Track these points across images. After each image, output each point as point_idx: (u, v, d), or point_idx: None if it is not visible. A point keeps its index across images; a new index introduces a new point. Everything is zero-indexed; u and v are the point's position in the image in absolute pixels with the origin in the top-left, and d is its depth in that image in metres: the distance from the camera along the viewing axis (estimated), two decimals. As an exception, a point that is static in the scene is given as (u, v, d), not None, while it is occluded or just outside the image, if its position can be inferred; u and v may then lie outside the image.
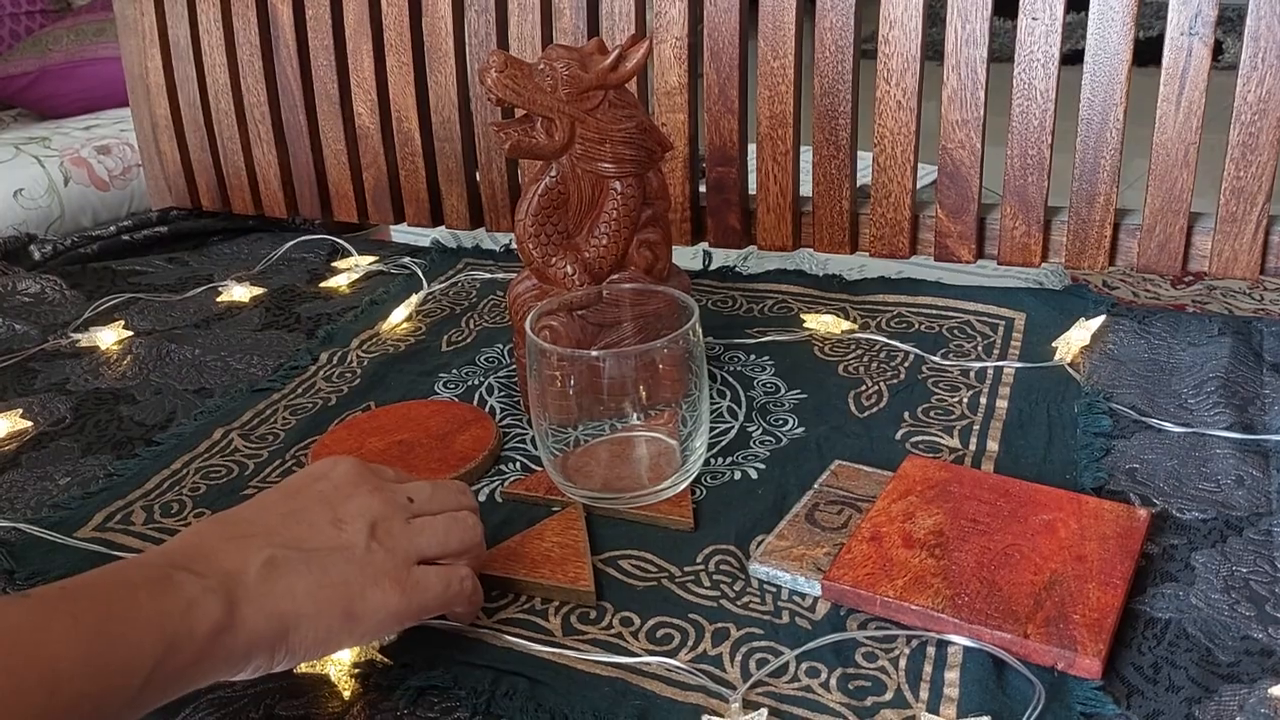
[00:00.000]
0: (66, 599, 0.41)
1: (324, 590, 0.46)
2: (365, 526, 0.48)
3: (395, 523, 0.49)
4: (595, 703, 0.49)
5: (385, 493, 0.50)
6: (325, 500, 0.49)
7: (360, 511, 0.49)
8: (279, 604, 0.44)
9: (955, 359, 0.77)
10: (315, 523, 0.48)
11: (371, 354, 0.84)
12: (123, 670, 0.40)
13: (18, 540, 0.62)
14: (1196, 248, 0.82)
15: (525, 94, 0.65)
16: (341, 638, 0.47)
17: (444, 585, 0.49)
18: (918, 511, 0.58)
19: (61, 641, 0.39)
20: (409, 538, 0.49)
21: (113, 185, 1.60)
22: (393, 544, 0.48)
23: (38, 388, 0.81)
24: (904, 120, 0.86)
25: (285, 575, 0.45)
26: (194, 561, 0.44)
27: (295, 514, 0.48)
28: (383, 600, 0.47)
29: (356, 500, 0.49)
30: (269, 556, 0.45)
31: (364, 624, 0.47)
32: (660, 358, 0.60)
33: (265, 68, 1.08)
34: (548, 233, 0.68)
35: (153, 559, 0.45)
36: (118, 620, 0.41)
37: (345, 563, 0.47)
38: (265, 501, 0.50)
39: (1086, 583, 0.52)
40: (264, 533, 0.47)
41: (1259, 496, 0.60)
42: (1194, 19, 0.76)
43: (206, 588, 0.43)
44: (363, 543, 0.47)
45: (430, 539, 0.50)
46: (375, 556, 0.47)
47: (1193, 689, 0.48)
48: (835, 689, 0.49)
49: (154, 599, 0.42)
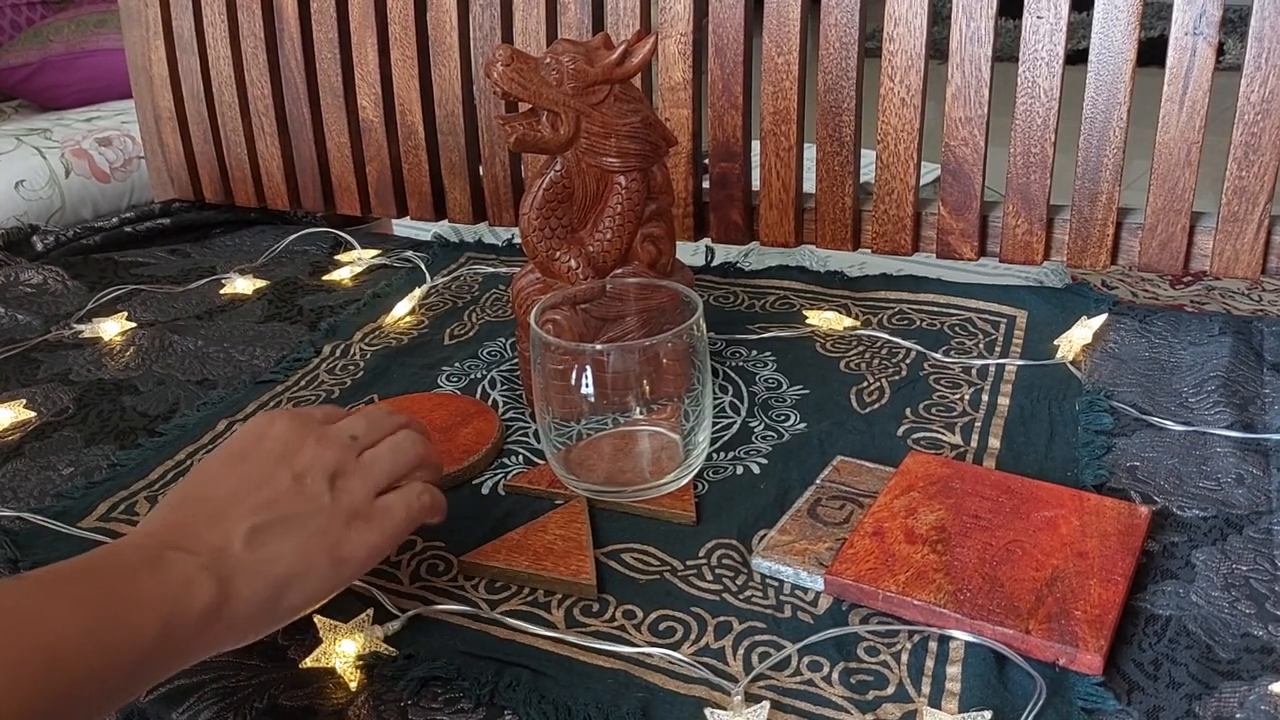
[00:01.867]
0: (64, 580, 0.42)
1: (308, 545, 0.48)
2: (324, 476, 0.50)
3: (348, 464, 0.51)
4: (598, 694, 0.49)
5: (330, 438, 0.52)
6: (278, 458, 0.50)
7: (314, 462, 0.50)
8: (270, 569, 0.46)
9: (957, 356, 0.78)
10: (277, 484, 0.49)
11: (374, 347, 0.84)
12: (124, 647, 0.41)
13: (21, 529, 0.62)
14: (1198, 247, 0.83)
15: (531, 88, 0.65)
16: (333, 583, 0.49)
17: (406, 507, 0.52)
18: (920, 507, 0.58)
19: (62, 620, 0.40)
20: (364, 475, 0.51)
21: (113, 177, 1.60)
22: (352, 484, 0.51)
23: (40, 378, 0.81)
24: (907, 117, 0.87)
25: (269, 541, 0.47)
26: (184, 539, 0.46)
27: (254, 478, 0.49)
28: (361, 539, 0.49)
29: (307, 452, 0.51)
30: (250, 527, 0.47)
31: (350, 565, 0.49)
32: (664, 352, 0.60)
33: (269, 60, 1.08)
34: (552, 226, 0.68)
35: (142, 540, 0.46)
36: (117, 600, 0.42)
37: (318, 515, 0.49)
38: (219, 470, 0.50)
39: (1088, 579, 0.52)
40: (235, 503, 0.48)
41: (1259, 495, 0.61)
42: (1199, 19, 0.76)
43: (200, 565, 0.44)
44: (327, 492, 0.50)
45: (381, 469, 0.52)
46: (341, 500, 0.50)
47: (1193, 685, 0.48)
48: (837, 683, 0.49)
49: (151, 578, 0.43)
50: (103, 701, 0.41)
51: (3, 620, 0.39)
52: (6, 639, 0.38)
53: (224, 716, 0.48)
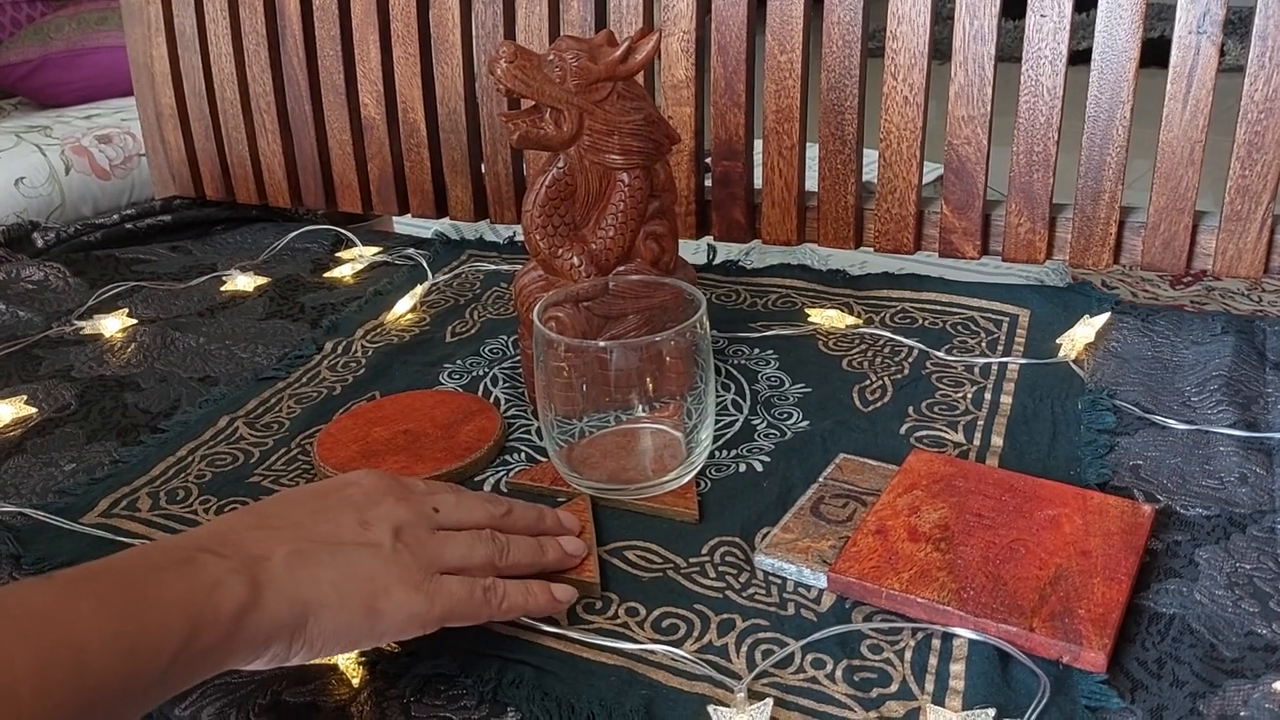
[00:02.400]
0: (91, 581, 0.41)
1: (348, 583, 0.46)
2: (390, 529, 0.49)
3: (420, 530, 0.50)
4: (601, 692, 0.49)
5: (412, 502, 0.51)
6: (353, 504, 0.50)
7: (386, 516, 0.49)
8: (302, 591, 0.45)
9: (959, 355, 0.78)
10: (341, 522, 0.48)
11: (376, 344, 0.84)
12: (150, 651, 0.40)
13: (23, 525, 0.62)
14: (1201, 246, 0.83)
15: (534, 85, 0.65)
16: (361, 633, 0.46)
17: (468, 592, 0.49)
18: (923, 505, 0.58)
19: (89, 622, 0.39)
20: (433, 545, 0.50)
21: (113, 174, 1.60)
22: (417, 548, 0.49)
23: (42, 374, 0.81)
24: (910, 116, 0.86)
25: (310, 565, 0.45)
26: (220, 545, 0.45)
27: (322, 513, 0.49)
28: (406, 600, 0.47)
29: (384, 506, 0.50)
30: (294, 547, 0.46)
31: (384, 622, 0.47)
32: (667, 350, 0.60)
33: (271, 57, 1.08)
34: (555, 224, 0.68)
35: (177, 542, 0.46)
36: (144, 601, 0.41)
37: (370, 559, 0.47)
38: (293, 499, 0.50)
39: (1091, 578, 0.52)
40: (290, 526, 0.47)
41: (1262, 494, 0.61)
42: (1202, 17, 0.76)
43: (231, 569, 0.43)
44: (389, 543, 0.48)
45: (453, 551, 0.50)
46: (400, 557, 0.48)
47: (1197, 684, 0.48)
48: (841, 680, 0.49)
49: (180, 580, 0.42)
50: (127, 706, 0.40)
51: (32, 622, 0.38)
52: (36, 641, 0.37)
53: (227, 712, 0.48)
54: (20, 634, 0.37)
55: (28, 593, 0.40)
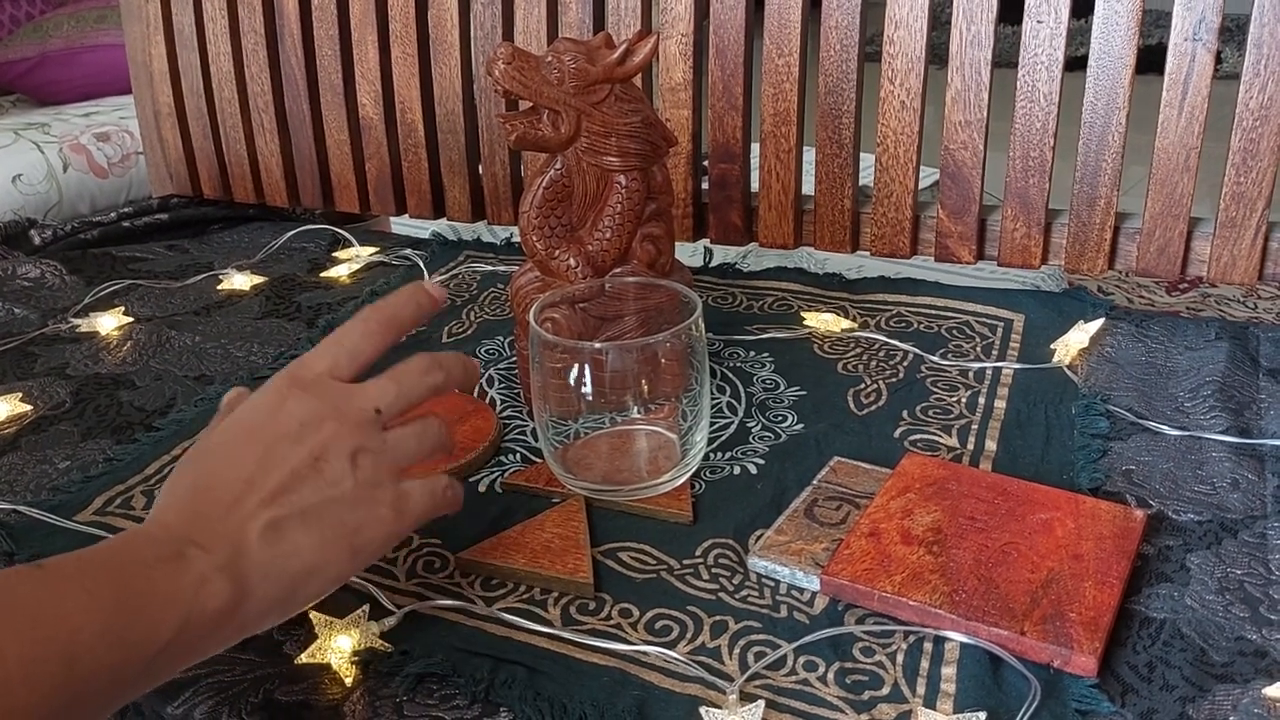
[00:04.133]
0: (81, 573, 0.41)
1: (327, 537, 0.46)
2: (344, 456, 0.47)
3: (371, 442, 0.48)
4: (594, 692, 0.49)
5: (353, 416, 0.48)
6: (295, 439, 0.47)
7: (334, 443, 0.47)
8: (288, 565, 0.45)
9: (954, 359, 0.78)
10: (295, 465, 0.46)
11: (372, 344, 0.84)
12: (139, 643, 0.40)
13: (17, 523, 0.62)
14: (1196, 252, 0.83)
15: (532, 86, 0.65)
16: (347, 573, 0.48)
17: (429, 496, 0.50)
18: (916, 509, 0.59)
19: (79, 615, 0.39)
20: (389, 455, 0.49)
21: (111, 172, 1.60)
22: (374, 467, 0.48)
23: (37, 371, 0.81)
24: (907, 120, 0.87)
25: (288, 536, 0.45)
26: (200, 533, 0.44)
27: (269, 460, 0.46)
28: (378, 527, 0.48)
29: (326, 430, 0.47)
30: (268, 520, 0.45)
31: (366, 552, 0.48)
32: (662, 351, 0.60)
33: (269, 57, 1.08)
34: (551, 225, 0.68)
35: (159, 533, 0.45)
36: (134, 595, 0.41)
37: (337, 503, 0.47)
38: (230, 451, 0.47)
39: (1083, 582, 0.53)
40: (249, 488, 0.45)
41: (1254, 500, 0.61)
42: (1198, 25, 0.77)
43: (216, 566, 0.43)
44: (348, 477, 0.47)
45: (405, 451, 0.50)
46: (362, 490, 0.47)
47: (1187, 688, 0.48)
48: (833, 683, 0.49)
49: (168, 577, 0.42)
50: (115, 696, 0.40)
51: (22, 613, 0.38)
52: (26, 634, 0.38)
53: (219, 711, 0.48)
54: (10, 626, 0.38)
55: (16, 584, 0.40)
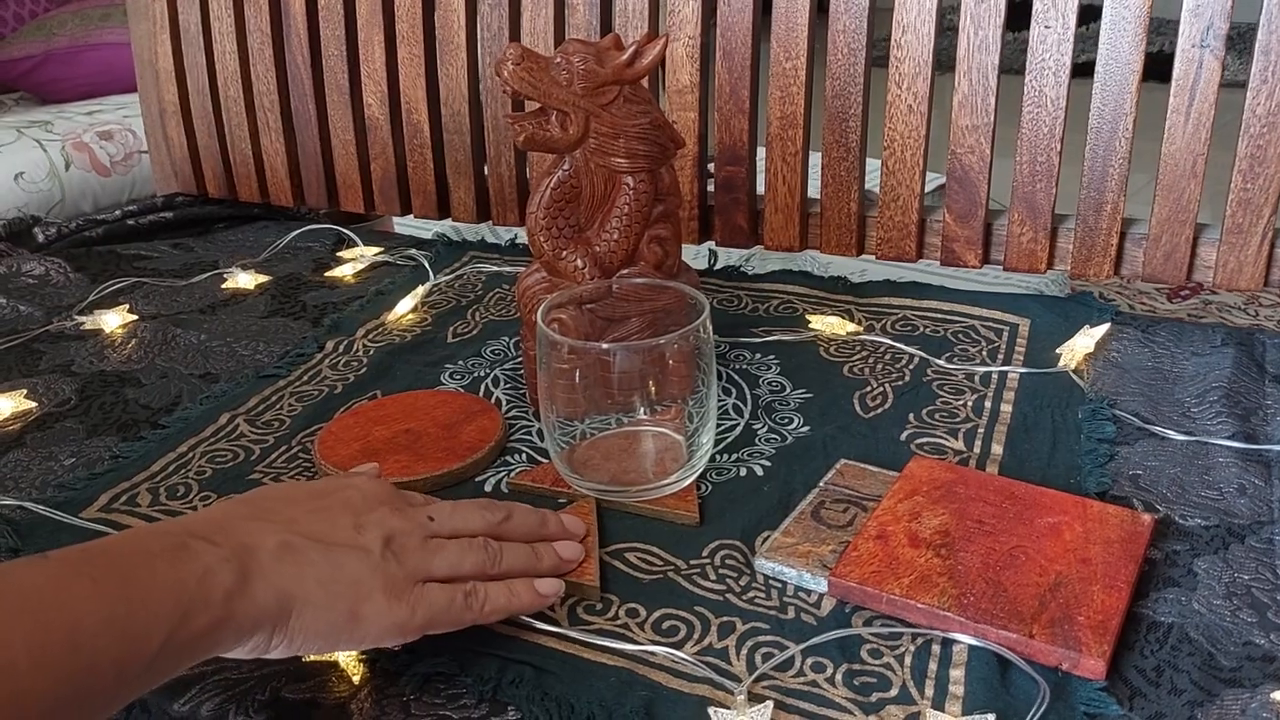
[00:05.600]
0: (86, 562, 0.41)
1: (334, 584, 0.46)
2: (382, 536, 0.49)
3: (411, 539, 0.50)
4: (601, 692, 0.49)
5: (407, 513, 0.52)
6: (349, 506, 0.50)
7: (380, 523, 0.50)
8: (288, 584, 0.45)
9: (960, 363, 0.78)
10: (336, 522, 0.49)
11: (377, 344, 0.84)
12: (142, 634, 0.40)
13: (23, 519, 0.62)
14: (1201, 258, 0.83)
15: (541, 87, 0.65)
16: (341, 635, 0.47)
17: (448, 599, 0.49)
18: (923, 511, 0.59)
19: (84, 603, 0.39)
20: (421, 555, 0.50)
21: (114, 171, 1.60)
22: (405, 557, 0.49)
23: (42, 369, 0.81)
24: (914, 125, 0.87)
25: (298, 559, 0.46)
26: (212, 533, 0.45)
27: (318, 512, 0.49)
28: (388, 608, 0.47)
29: (379, 513, 0.51)
30: (285, 540, 0.46)
31: (366, 627, 0.47)
32: (670, 353, 0.60)
33: (275, 56, 1.08)
34: (559, 226, 0.68)
35: (170, 528, 0.46)
36: (137, 584, 0.41)
37: (357, 563, 0.47)
38: (290, 494, 0.51)
39: (1091, 585, 0.53)
40: (285, 519, 0.48)
41: (1261, 505, 0.61)
42: (1206, 31, 0.77)
43: (221, 557, 0.44)
44: (378, 550, 0.48)
45: (442, 560, 0.50)
46: (388, 565, 0.48)
47: (1195, 692, 0.48)
48: (841, 684, 0.49)
49: (171, 566, 0.42)
50: (119, 690, 0.40)
51: (27, 601, 0.38)
52: (32, 620, 0.38)
53: (226, 709, 0.48)
54: (16, 613, 0.38)
55: (23, 573, 0.40)
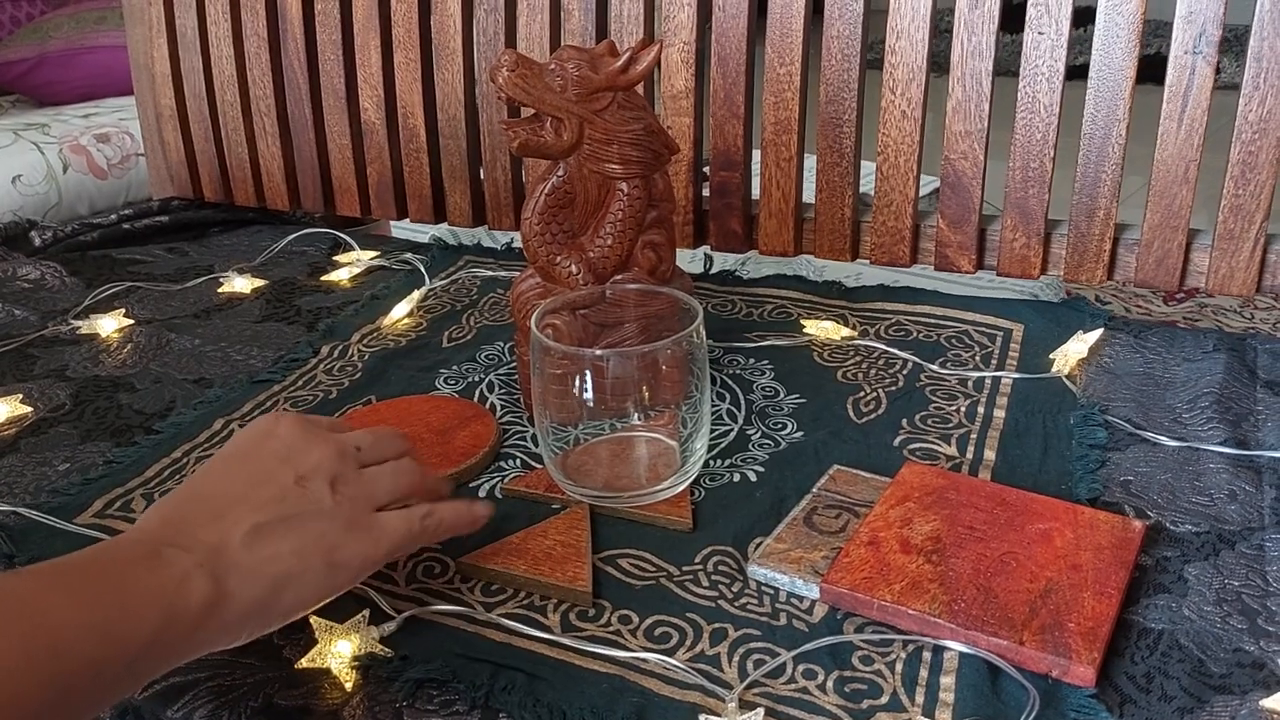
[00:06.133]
0: (62, 574, 0.42)
1: (306, 547, 0.48)
2: (326, 480, 0.50)
3: (350, 473, 0.52)
4: (593, 699, 0.49)
5: (334, 444, 0.52)
6: (282, 459, 0.51)
7: (318, 465, 0.51)
8: (267, 569, 0.46)
9: (953, 368, 0.78)
10: (280, 483, 0.49)
11: (372, 348, 0.84)
12: (122, 639, 0.41)
13: (17, 525, 0.62)
14: (1194, 264, 0.83)
15: (535, 93, 0.65)
16: (325, 590, 0.49)
17: (407, 526, 0.52)
18: (915, 517, 0.59)
19: (63, 610, 0.40)
20: (365, 486, 0.52)
21: (111, 174, 1.60)
22: (353, 493, 0.51)
23: (37, 373, 0.81)
24: (908, 130, 0.87)
25: (268, 542, 0.47)
26: (180, 537, 0.46)
27: (257, 477, 0.50)
28: (357, 547, 0.49)
29: (312, 454, 0.51)
30: (251, 526, 0.47)
31: (345, 572, 0.49)
32: (663, 358, 0.60)
33: (272, 61, 1.08)
34: (553, 231, 0.69)
35: (139, 538, 0.47)
36: (116, 592, 0.42)
37: (317, 518, 0.49)
38: (222, 470, 0.51)
39: (1081, 592, 0.53)
40: (236, 502, 0.48)
41: (1251, 511, 0.61)
42: (1198, 38, 0.77)
43: (195, 563, 0.44)
44: (328, 496, 0.50)
45: (382, 486, 0.53)
46: (341, 507, 0.50)
47: (1185, 699, 0.48)
48: (831, 691, 0.49)
49: (149, 574, 0.43)
50: (101, 694, 0.41)
51: (7, 609, 0.39)
52: (12, 627, 0.38)
53: (219, 715, 0.48)
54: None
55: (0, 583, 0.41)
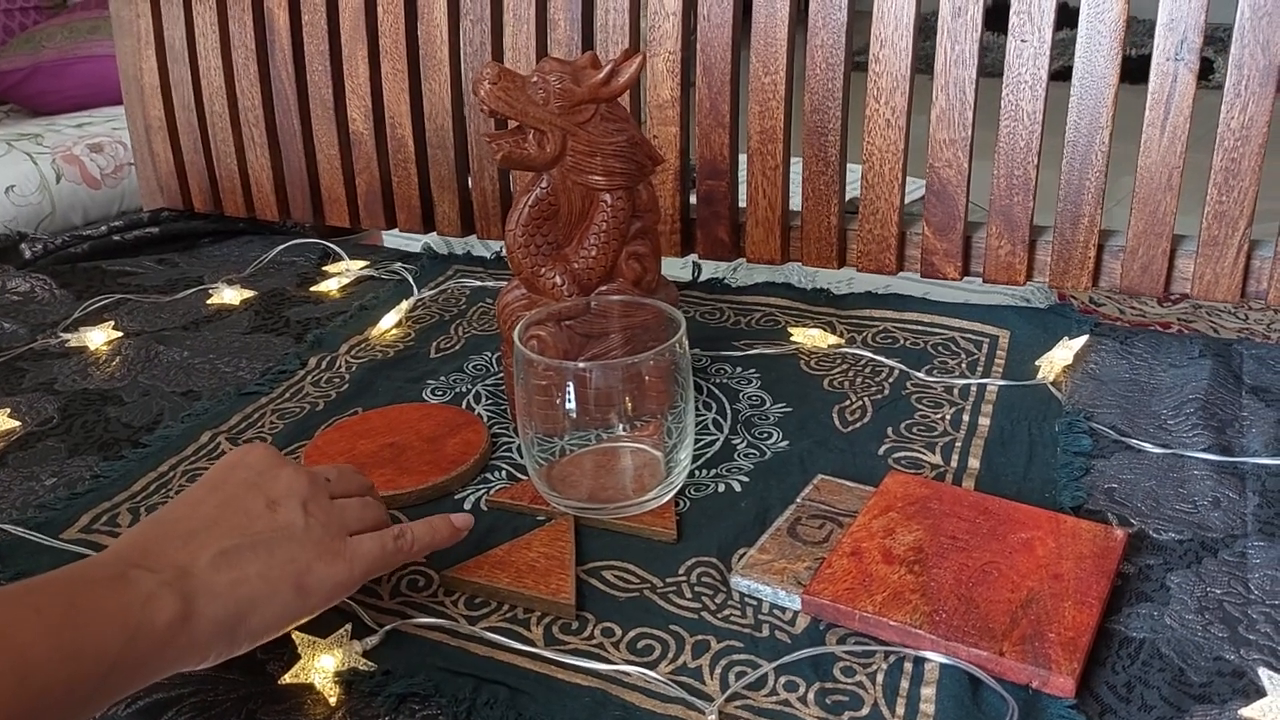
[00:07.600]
0: (28, 594, 0.42)
1: (274, 570, 0.48)
2: (298, 504, 0.50)
3: (322, 497, 0.52)
4: (575, 712, 0.49)
5: (305, 471, 0.53)
6: (252, 486, 0.51)
7: (289, 490, 0.51)
8: (234, 590, 0.46)
9: (939, 375, 0.78)
10: (250, 509, 0.50)
11: (360, 359, 0.84)
12: (90, 658, 0.41)
13: (2, 540, 0.62)
14: (1179, 270, 0.83)
15: (518, 106, 0.65)
16: (295, 612, 0.49)
17: (380, 547, 0.52)
18: (898, 527, 0.59)
19: (30, 632, 0.40)
20: (337, 512, 0.52)
21: (104, 183, 1.60)
22: (325, 517, 0.51)
23: (25, 387, 0.81)
24: (892, 138, 0.87)
25: (236, 563, 0.47)
26: (147, 559, 0.46)
27: (228, 503, 0.50)
28: (328, 571, 0.49)
29: (283, 480, 0.51)
30: (219, 550, 0.47)
31: (315, 596, 0.49)
32: (647, 370, 0.60)
33: (260, 71, 1.08)
34: (537, 243, 0.69)
35: (106, 559, 0.47)
36: (81, 612, 0.42)
37: (287, 542, 0.49)
38: (194, 498, 0.51)
39: (1063, 601, 0.53)
40: (206, 526, 0.48)
41: (1234, 518, 0.61)
42: (1180, 45, 0.77)
43: (162, 582, 0.45)
44: (300, 520, 0.50)
45: (352, 515, 0.53)
46: (314, 532, 0.50)
47: (1165, 709, 0.48)
48: (813, 703, 0.49)
49: (114, 593, 0.43)
50: (71, 713, 0.41)
51: None
52: None
53: (201, 731, 0.48)
54: None
55: None
